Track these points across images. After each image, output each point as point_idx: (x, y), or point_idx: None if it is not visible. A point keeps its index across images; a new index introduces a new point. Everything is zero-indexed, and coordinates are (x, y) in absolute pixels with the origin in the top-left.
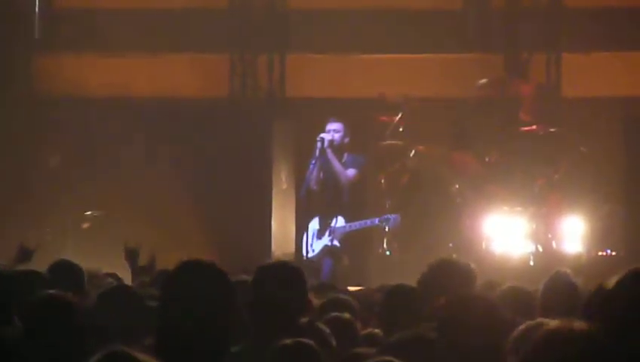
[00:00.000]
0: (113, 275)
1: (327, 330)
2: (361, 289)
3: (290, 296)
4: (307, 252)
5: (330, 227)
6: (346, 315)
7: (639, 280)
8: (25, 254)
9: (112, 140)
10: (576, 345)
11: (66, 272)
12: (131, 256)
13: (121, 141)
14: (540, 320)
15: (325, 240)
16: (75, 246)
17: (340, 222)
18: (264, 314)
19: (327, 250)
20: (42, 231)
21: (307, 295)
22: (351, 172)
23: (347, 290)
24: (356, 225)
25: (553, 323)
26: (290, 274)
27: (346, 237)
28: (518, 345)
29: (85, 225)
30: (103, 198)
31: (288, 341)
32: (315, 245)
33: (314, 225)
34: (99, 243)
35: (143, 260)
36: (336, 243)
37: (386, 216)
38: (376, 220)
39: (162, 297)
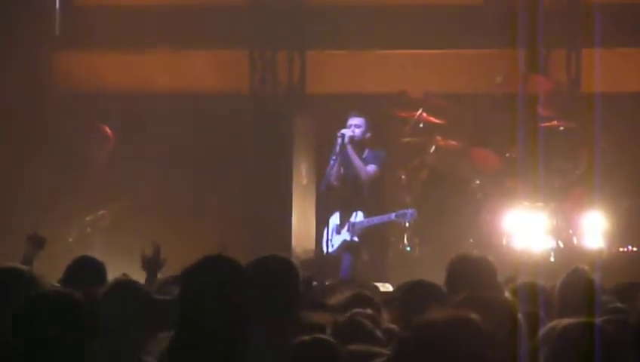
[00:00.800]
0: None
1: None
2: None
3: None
4: (327, 247)
5: (350, 222)
6: (368, 311)
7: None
8: (37, 242)
9: (132, 136)
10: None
11: (88, 268)
12: (149, 264)
13: (141, 137)
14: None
15: (344, 235)
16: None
17: (359, 217)
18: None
19: (346, 245)
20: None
21: (298, 287)
22: (371, 168)
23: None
24: (375, 219)
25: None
26: (281, 266)
27: (366, 233)
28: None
29: (103, 222)
30: (122, 195)
31: (306, 337)
32: (334, 240)
33: (334, 220)
34: (117, 241)
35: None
36: (355, 238)
37: (402, 211)
38: (393, 215)
39: (183, 290)
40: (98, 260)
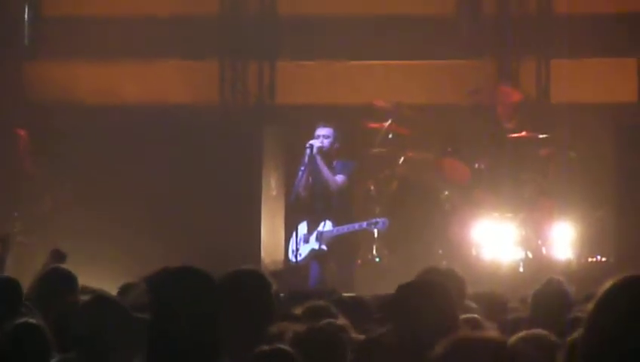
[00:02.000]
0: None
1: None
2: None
3: (256, 303)
4: (295, 256)
5: (318, 231)
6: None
7: (624, 291)
8: (58, 258)
9: (101, 147)
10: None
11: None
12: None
13: (110, 147)
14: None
15: (313, 244)
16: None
17: (327, 226)
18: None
19: (314, 254)
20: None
21: (273, 302)
22: (340, 178)
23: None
24: (344, 228)
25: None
26: (255, 280)
27: (334, 242)
28: None
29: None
30: (89, 202)
31: (265, 347)
32: (302, 249)
33: (302, 229)
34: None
35: None
36: (323, 247)
37: (374, 220)
38: (365, 224)
39: (151, 305)
40: (69, 271)
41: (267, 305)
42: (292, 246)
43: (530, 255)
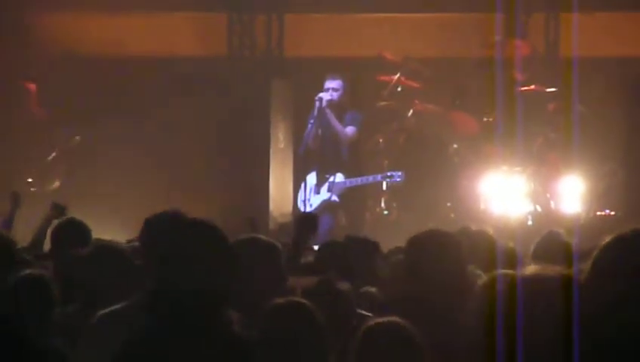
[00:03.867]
0: None
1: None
2: None
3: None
4: (305, 207)
5: (330, 182)
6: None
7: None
8: (57, 211)
9: (106, 99)
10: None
11: (73, 230)
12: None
13: (115, 100)
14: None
15: (324, 195)
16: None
17: (339, 178)
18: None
19: (325, 205)
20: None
21: (282, 272)
22: (350, 130)
23: None
24: (357, 180)
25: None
26: (264, 249)
27: (345, 194)
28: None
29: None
30: (92, 157)
31: (281, 300)
32: (312, 200)
33: (311, 180)
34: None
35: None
36: (335, 198)
37: (389, 173)
38: (379, 176)
39: (155, 255)
40: (83, 223)
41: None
42: (301, 196)
43: (538, 208)
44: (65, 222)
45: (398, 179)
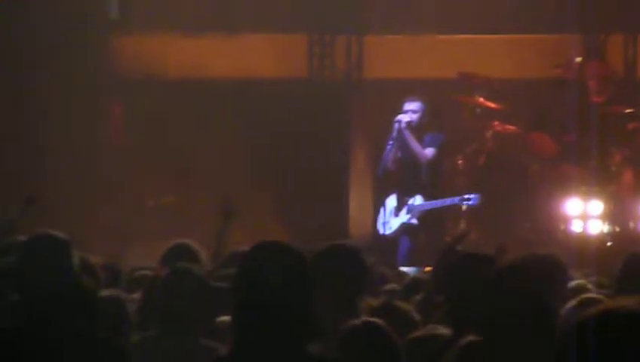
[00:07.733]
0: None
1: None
2: None
3: (349, 279)
4: (384, 229)
5: (409, 205)
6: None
7: None
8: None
9: (189, 121)
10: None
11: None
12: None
13: (197, 121)
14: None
15: (403, 217)
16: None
17: (418, 200)
18: None
19: (404, 228)
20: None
21: (365, 279)
22: (430, 151)
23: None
24: (436, 203)
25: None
26: (349, 256)
27: (425, 216)
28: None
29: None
30: (177, 181)
31: (357, 321)
32: (392, 222)
33: (391, 202)
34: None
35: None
36: (414, 221)
37: (466, 196)
38: (457, 199)
39: (239, 278)
40: (193, 246)
41: (360, 281)
42: (381, 219)
43: (617, 229)
44: (175, 246)
45: (474, 202)
